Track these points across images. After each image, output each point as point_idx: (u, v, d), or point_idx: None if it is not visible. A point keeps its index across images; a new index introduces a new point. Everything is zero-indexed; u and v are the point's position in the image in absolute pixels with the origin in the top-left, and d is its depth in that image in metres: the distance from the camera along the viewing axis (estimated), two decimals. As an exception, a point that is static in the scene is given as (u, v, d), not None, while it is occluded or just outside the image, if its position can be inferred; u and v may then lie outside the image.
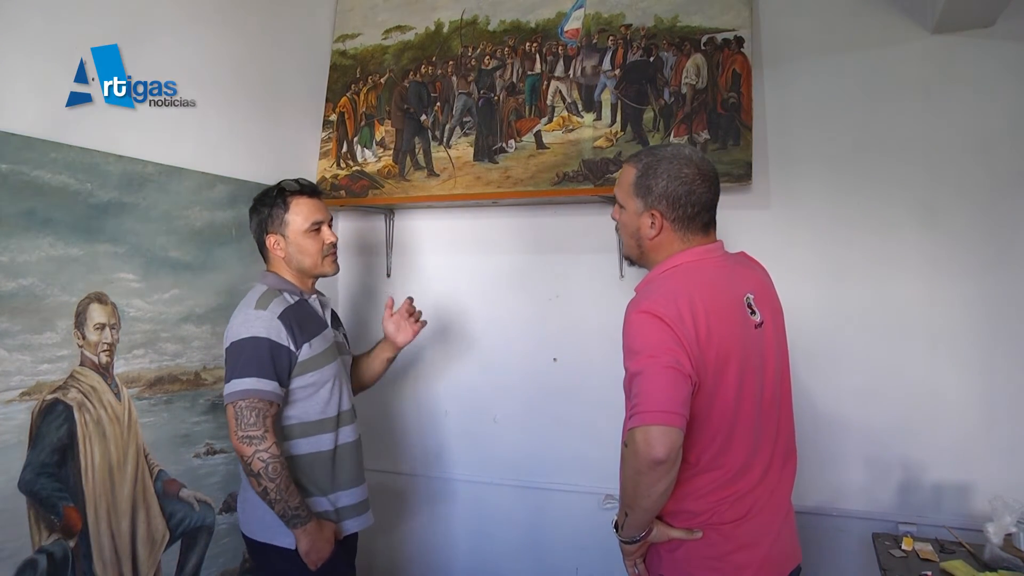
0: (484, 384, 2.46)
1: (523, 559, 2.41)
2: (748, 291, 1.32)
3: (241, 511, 1.70)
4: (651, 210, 1.32)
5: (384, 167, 2.39)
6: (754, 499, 1.29)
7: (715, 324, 1.22)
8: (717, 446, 1.26)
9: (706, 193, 1.31)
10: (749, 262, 1.43)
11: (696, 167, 1.30)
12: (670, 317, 1.19)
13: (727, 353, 1.23)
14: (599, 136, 2.13)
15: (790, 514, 1.38)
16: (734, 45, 2.02)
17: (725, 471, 1.27)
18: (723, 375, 1.23)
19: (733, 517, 1.27)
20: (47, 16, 1.56)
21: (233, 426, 1.53)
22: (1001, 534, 1.68)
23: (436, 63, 2.38)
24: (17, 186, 1.48)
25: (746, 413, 1.27)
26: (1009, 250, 1.89)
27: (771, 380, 1.32)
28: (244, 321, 1.60)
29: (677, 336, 1.18)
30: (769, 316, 1.34)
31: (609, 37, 2.17)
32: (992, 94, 1.91)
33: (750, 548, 1.28)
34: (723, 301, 1.26)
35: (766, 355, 1.32)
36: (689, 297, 1.22)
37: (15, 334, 1.48)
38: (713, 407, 1.24)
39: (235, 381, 1.55)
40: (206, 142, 1.97)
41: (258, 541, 1.64)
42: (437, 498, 2.51)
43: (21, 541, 1.48)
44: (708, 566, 1.28)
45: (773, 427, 1.33)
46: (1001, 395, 1.91)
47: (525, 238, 2.39)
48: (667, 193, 1.30)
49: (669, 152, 1.33)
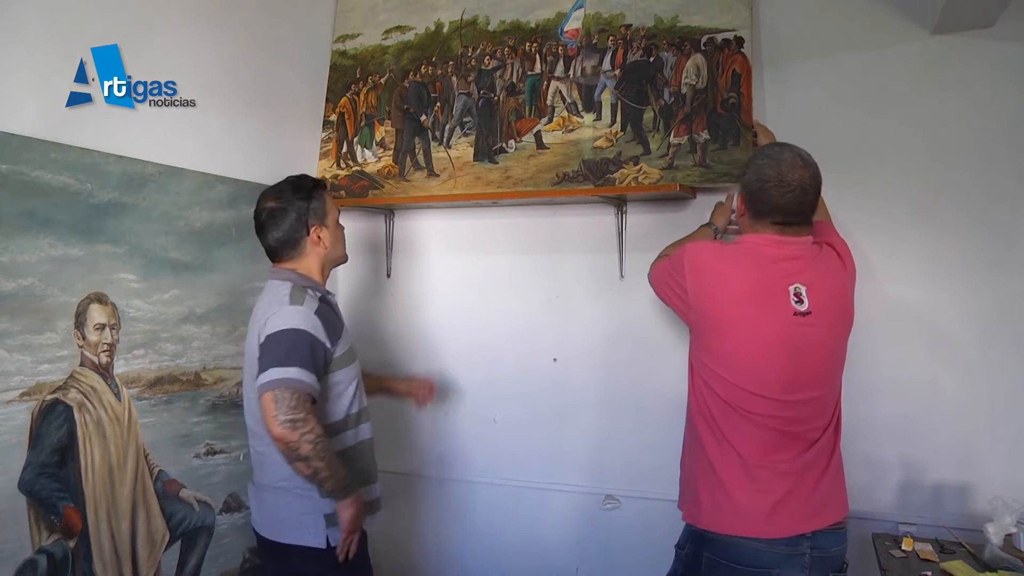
0: (484, 384, 2.46)
1: (523, 559, 2.41)
2: (800, 282, 1.43)
3: (257, 513, 1.64)
4: (740, 193, 1.54)
5: (384, 167, 2.39)
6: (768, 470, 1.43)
7: (727, 295, 1.45)
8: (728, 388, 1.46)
9: (778, 198, 1.43)
10: (825, 259, 1.51)
11: (779, 172, 1.43)
12: (693, 264, 1.50)
13: (727, 316, 1.46)
14: (599, 136, 2.13)
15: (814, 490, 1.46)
16: (734, 45, 2.02)
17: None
18: (727, 324, 1.46)
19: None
20: (47, 16, 1.56)
21: (272, 411, 1.44)
22: (1001, 534, 1.68)
23: (436, 63, 2.38)
24: (17, 186, 1.49)
25: (764, 378, 1.43)
26: (1009, 250, 1.89)
27: (809, 360, 1.44)
28: (282, 315, 1.53)
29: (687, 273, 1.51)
30: (825, 309, 1.45)
31: (609, 37, 2.17)
32: (992, 94, 1.90)
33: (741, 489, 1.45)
34: (759, 283, 1.44)
35: (806, 341, 1.43)
36: (723, 264, 1.48)
37: (15, 334, 1.49)
38: (721, 351, 1.47)
39: (276, 369, 1.47)
40: (206, 142, 1.97)
41: (281, 543, 1.59)
42: (437, 498, 2.51)
43: (21, 541, 1.48)
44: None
45: (803, 396, 1.45)
46: (1001, 395, 1.90)
47: (525, 238, 2.39)
48: (748, 184, 1.49)
49: (774, 151, 1.48)
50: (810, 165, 1.45)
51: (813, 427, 1.47)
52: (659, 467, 2.20)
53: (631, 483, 2.25)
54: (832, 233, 1.64)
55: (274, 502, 1.59)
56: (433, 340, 2.51)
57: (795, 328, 1.42)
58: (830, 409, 1.51)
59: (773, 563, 1.41)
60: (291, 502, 1.57)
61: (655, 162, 2.05)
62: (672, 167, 2.03)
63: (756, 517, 1.42)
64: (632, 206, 2.23)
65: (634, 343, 2.22)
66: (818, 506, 1.44)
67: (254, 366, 1.53)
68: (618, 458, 2.27)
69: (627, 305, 2.24)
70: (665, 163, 2.04)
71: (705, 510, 1.50)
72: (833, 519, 1.46)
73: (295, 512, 1.56)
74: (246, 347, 1.63)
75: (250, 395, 1.59)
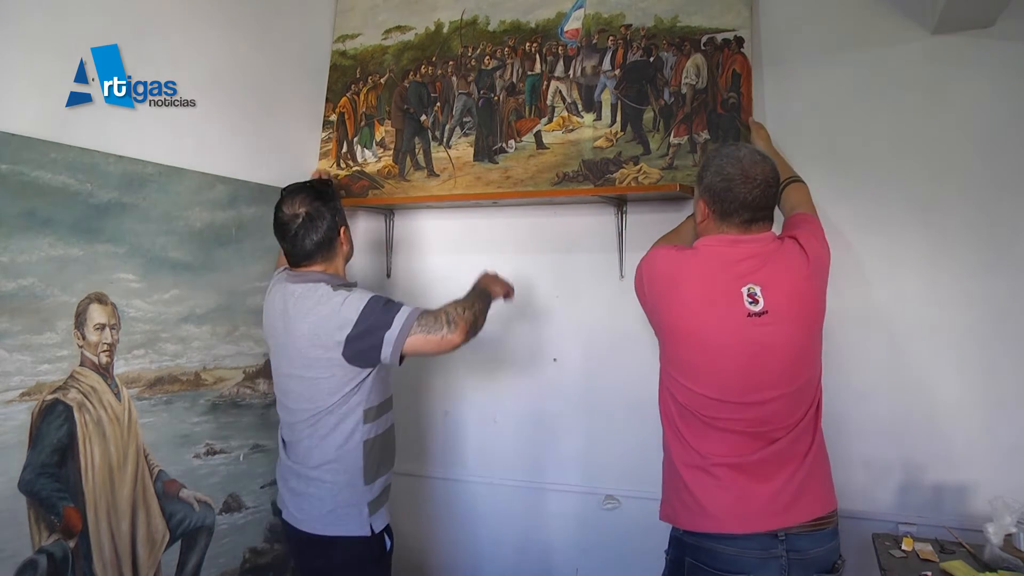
0: (484, 384, 2.46)
1: (523, 559, 2.41)
2: (753, 282, 1.41)
3: (297, 509, 1.65)
4: (701, 198, 1.50)
5: (384, 167, 2.39)
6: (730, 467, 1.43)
7: (680, 301, 1.45)
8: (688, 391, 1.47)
9: (745, 194, 1.42)
10: (784, 254, 1.47)
11: (742, 169, 1.43)
12: (649, 273, 1.53)
13: (681, 322, 1.47)
14: (599, 136, 2.13)
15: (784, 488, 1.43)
16: (734, 45, 2.02)
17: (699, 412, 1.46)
18: (681, 331, 1.47)
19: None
20: (47, 16, 1.56)
21: (434, 338, 1.54)
22: (1001, 534, 1.68)
23: (436, 63, 2.38)
24: (17, 186, 1.49)
25: (718, 379, 1.43)
26: (1009, 250, 1.89)
27: (770, 360, 1.41)
28: (350, 300, 1.55)
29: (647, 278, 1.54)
30: (784, 306, 1.41)
31: (609, 37, 2.17)
32: (992, 94, 1.90)
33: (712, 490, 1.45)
34: (711, 288, 1.43)
35: (765, 341, 1.40)
36: (675, 271, 1.48)
37: (15, 334, 1.49)
38: (679, 358, 1.49)
39: (394, 321, 1.53)
40: (206, 142, 1.97)
41: (326, 536, 1.61)
42: (437, 498, 2.51)
43: (21, 541, 1.48)
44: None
45: (764, 397, 1.42)
46: (1001, 395, 1.90)
47: (525, 238, 2.39)
48: (711, 186, 1.46)
49: (728, 151, 1.48)
50: (768, 160, 1.46)
51: (778, 427, 1.44)
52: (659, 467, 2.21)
53: (631, 483, 2.25)
54: (803, 224, 1.58)
55: (319, 496, 1.61)
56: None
57: (750, 329, 1.39)
58: (802, 406, 1.46)
59: (748, 567, 1.39)
60: (337, 494, 1.61)
61: (655, 162, 2.05)
62: (672, 167, 2.03)
63: (719, 514, 1.42)
64: (632, 206, 2.23)
65: (634, 343, 2.22)
66: (788, 503, 1.41)
67: (303, 358, 1.58)
68: (618, 458, 2.27)
69: (627, 305, 2.24)
70: (665, 163, 2.04)
71: (678, 511, 1.51)
72: (806, 517, 1.41)
73: (341, 504, 1.60)
74: (287, 340, 1.62)
75: (292, 386, 1.63)
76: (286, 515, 1.69)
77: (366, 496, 1.63)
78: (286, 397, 1.66)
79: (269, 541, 2.11)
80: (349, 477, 1.61)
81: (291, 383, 1.63)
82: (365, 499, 1.62)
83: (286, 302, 1.62)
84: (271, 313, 1.68)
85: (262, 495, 2.08)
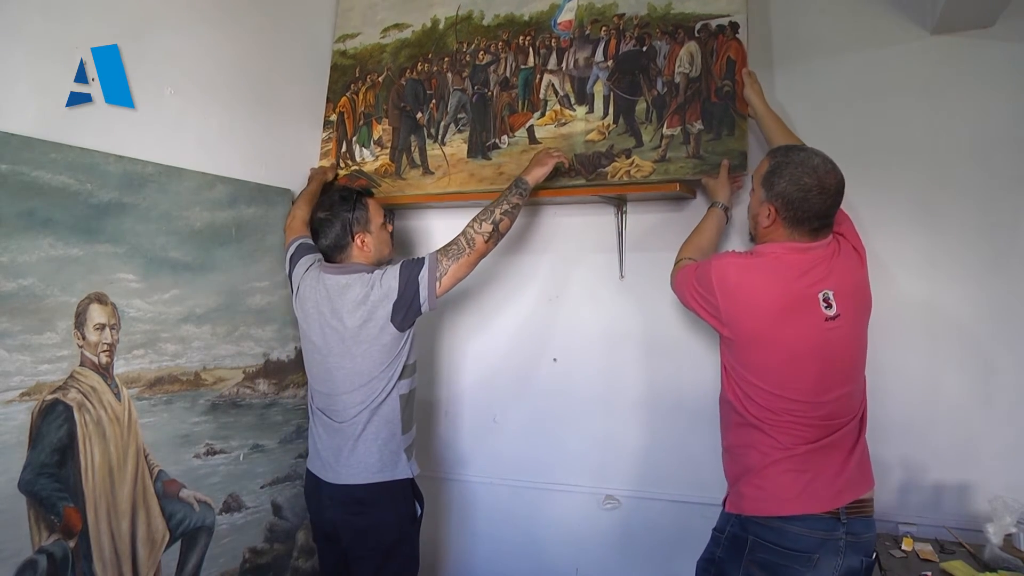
0: (484, 384, 2.46)
1: (523, 559, 2.41)
2: (827, 288, 1.48)
3: (347, 467, 1.83)
4: (770, 204, 1.53)
5: (381, 166, 2.39)
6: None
7: (761, 311, 1.49)
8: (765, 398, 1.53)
9: (820, 205, 1.48)
10: (844, 256, 1.54)
11: (818, 179, 1.47)
12: (721, 280, 1.53)
13: (761, 331, 1.51)
14: (591, 129, 2.11)
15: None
16: (729, 31, 1.98)
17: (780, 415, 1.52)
18: (761, 339, 1.51)
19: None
20: (47, 16, 1.56)
21: (458, 264, 1.81)
22: (1001, 534, 1.68)
23: (432, 60, 2.38)
24: (17, 186, 1.48)
25: (799, 382, 1.49)
26: (1009, 250, 1.89)
27: (840, 360, 1.50)
28: (388, 271, 1.80)
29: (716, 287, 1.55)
30: (851, 307, 1.50)
31: (602, 27, 2.14)
32: (992, 94, 1.90)
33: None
34: (790, 297, 1.48)
35: (836, 343, 1.48)
36: (751, 280, 1.51)
37: (15, 334, 1.48)
38: (756, 364, 1.53)
39: (424, 265, 1.79)
40: (206, 142, 1.97)
41: (373, 483, 1.82)
42: (437, 498, 2.51)
43: (21, 541, 1.48)
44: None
45: (835, 395, 1.50)
46: (1001, 395, 1.91)
47: (525, 238, 2.39)
48: (784, 194, 1.49)
49: (800, 157, 1.51)
50: (838, 168, 1.51)
51: (844, 417, 1.53)
52: (659, 467, 2.21)
53: (631, 483, 2.25)
54: (844, 220, 1.66)
55: (367, 450, 1.82)
56: (432, 340, 2.51)
57: (826, 333, 1.47)
58: (860, 398, 1.57)
59: (813, 547, 1.46)
60: (383, 446, 1.83)
61: (648, 154, 2.02)
62: (665, 159, 2.00)
63: (792, 497, 1.49)
64: (632, 206, 2.22)
65: (634, 343, 2.23)
66: (848, 481, 1.50)
67: (355, 340, 1.79)
68: (618, 458, 2.27)
69: (627, 305, 2.25)
70: (658, 155, 2.01)
71: (748, 499, 1.55)
72: (862, 492, 1.52)
73: (387, 453, 1.83)
74: (337, 324, 1.81)
75: (344, 364, 1.81)
76: (332, 478, 1.85)
77: (403, 444, 1.87)
78: (331, 376, 1.84)
79: (269, 541, 2.11)
80: (392, 429, 1.84)
81: (343, 361, 1.81)
82: (403, 446, 1.86)
83: (329, 291, 1.82)
84: (310, 301, 1.86)
85: (262, 495, 2.08)
